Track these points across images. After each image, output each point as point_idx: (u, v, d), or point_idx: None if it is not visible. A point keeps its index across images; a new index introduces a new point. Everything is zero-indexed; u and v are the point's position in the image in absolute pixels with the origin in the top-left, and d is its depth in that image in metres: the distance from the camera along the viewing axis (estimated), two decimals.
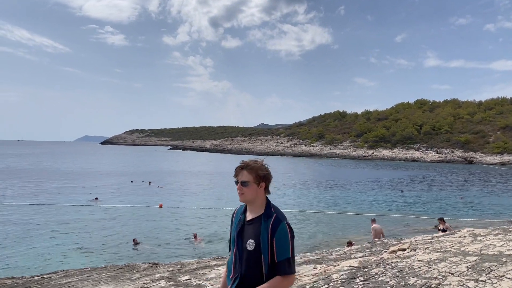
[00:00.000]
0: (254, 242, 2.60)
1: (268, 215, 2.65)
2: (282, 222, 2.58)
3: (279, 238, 2.54)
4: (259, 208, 2.71)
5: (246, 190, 2.70)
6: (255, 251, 2.58)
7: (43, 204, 27.72)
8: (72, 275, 9.27)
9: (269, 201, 2.76)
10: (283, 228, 2.57)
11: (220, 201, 31.50)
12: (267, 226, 2.58)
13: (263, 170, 2.72)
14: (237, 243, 2.72)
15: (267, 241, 2.55)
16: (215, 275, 7.79)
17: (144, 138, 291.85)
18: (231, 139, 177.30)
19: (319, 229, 21.91)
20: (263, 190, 2.73)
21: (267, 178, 2.73)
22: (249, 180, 2.70)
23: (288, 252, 2.54)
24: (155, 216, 24.72)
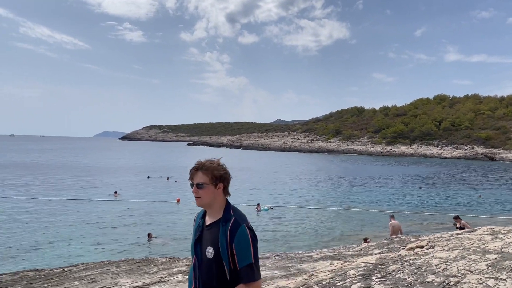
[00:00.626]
0: (213, 249, 2.39)
1: (226, 218, 2.45)
2: (241, 225, 2.38)
3: (239, 243, 2.34)
4: (218, 211, 2.51)
5: (202, 192, 2.49)
6: (215, 258, 2.37)
7: (63, 199, 28.28)
8: (92, 268, 9.45)
9: (228, 203, 2.56)
10: (242, 231, 2.36)
11: (236, 197, 31.62)
12: (225, 230, 2.38)
13: (220, 170, 2.52)
14: (195, 251, 2.51)
15: (226, 247, 2.35)
16: None
17: (162, 134, 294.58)
18: (248, 135, 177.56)
19: (335, 225, 21.82)
20: (222, 192, 2.53)
21: (224, 178, 2.53)
22: (205, 181, 2.49)
23: (250, 257, 2.33)
24: (172, 210, 24.97)
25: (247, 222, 2.46)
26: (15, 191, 31.43)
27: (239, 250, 2.33)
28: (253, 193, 34.12)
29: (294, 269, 7.44)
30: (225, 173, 2.57)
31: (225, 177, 2.55)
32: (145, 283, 7.23)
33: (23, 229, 19.12)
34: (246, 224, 2.43)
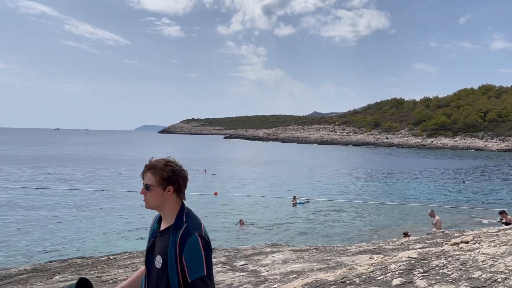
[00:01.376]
0: (161, 258, 2.20)
1: (177, 226, 2.22)
2: (192, 234, 2.15)
3: (189, 254, 2.11)
4: (170, 217, 2.29)
5: (149, 195, 2.29)
6: (163, 269, 2.18)
7: (107, 190, 29.34)
8: (134, 256, 9.78)
9: (182, 208, 2.32)
10: (193, 241, 2.13)
11: (274, 189, 31.71)
12: (175, 239, 2.17)
13: (168, 171, 2.27)
14: (146, 259, 2.33)
15: (175, 257, 2.14)
16: (270, 261, 7.90)
17: (199, 127, 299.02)
18: (284, 128, 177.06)
19: (374, 219, 21.47)
20: (172, 196, 2.28)
21: (174, 180, 2.28)
22: (152, 183, 2.28)
23: (202, 269, 2.11)
24: (210, 203, 25.37)
25: (201, 230, 2.20)
26: (64, 183, 32.90)
27: (190, 262, 2.11)
28: (289, 186, 34.08)
29: (332, 262, 7.41)
30: (175, 175, 2.28)
31: (175, 179, 2.28)
32: None
33: (70, 219, 20.02)
34: (199, 232, 2.17)
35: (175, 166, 2.30)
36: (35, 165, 46.66)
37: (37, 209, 22.00)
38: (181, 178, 2.30)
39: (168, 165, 2.29)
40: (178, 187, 2.29)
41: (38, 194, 26.93)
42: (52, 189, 29.10)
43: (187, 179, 2.34)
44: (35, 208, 22.14)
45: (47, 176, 36.78)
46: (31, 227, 18.20)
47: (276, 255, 8.42)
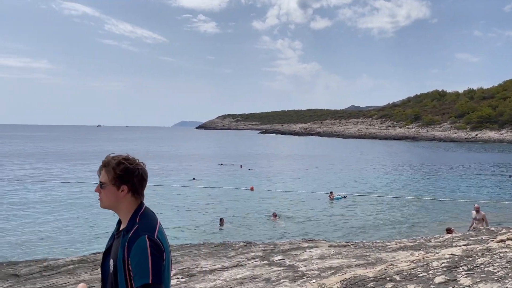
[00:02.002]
0: (113, 262, 2.09)
1: (128, 228, 2.09)
2: (141, 237, 2.01)
3: (134, 257, 1.98)
4: (125, 218, 2.17)
5: (103, 193, 2.18)
6: (114, 273, 2.07)
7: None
8: (174, 250, 10.01)
9: (138, 209, 2.18)
10: (140, 244, 1.99)
11: (310, 184, 31.53)
12: (124, 242, 2.05)
13: (122, 169, 2.13)
14: (102, 262, 2.23)
15: (122, 261, 2.02)
16: (307, 256, 7.88)
17: (235, 122, 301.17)
18: (320, 122, 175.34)
19: (414, 214, 20.93)
20: (127, 196, 2.15)
21: (128, 179, 2.13)
22: (105, 181, 2.16)
23: (147, 276, 1.94)
24: (246, 197, 25.54)
25: (153, 233, 2.05)
26: None
27: (135, 266, 1.97)
28: (326, 181, 33.77)
29: (371, 258, 7.29)
30: (128, 173, 2.13)
31: (129, 178, 2.14)
32: (224, 266, 7.52)
33: (109, 212, 20.69)
34: (149, 235, 2.02)
35: (130, 164, 2.16)
36: (82, 160, 48.58)
37: (81, 203, 22.92)
38: (136, 177, 2.15)
39: (122, 163, 2.14)
40: (133, 186, 2.15)
41: (82, 188, 28.03)
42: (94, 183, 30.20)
43: (144, 178, 2.19)
44: (80, 202, 23.08)
45: (91, 171, 38.21)
46: (78, 220, 19.01)
47: (314, 250, 8.38)
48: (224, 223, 18.19)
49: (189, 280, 6.72)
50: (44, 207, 21.66)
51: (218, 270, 7.26)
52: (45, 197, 24.47)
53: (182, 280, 6.75)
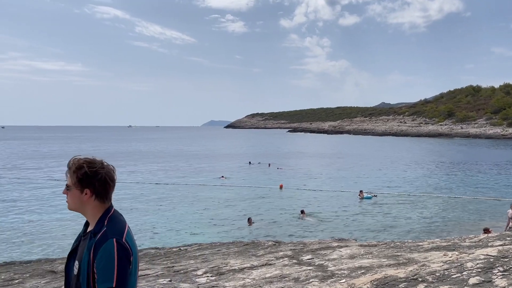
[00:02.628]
0: (78, 264, 2.06)
1: (96, 230, 2.06)
2: (108, 240, 1.98)
3: (100, 260, 1.95)
4: (92, 221, 2.14)
5: (69, 196, 2.14)
6: (77, 276, 2.04)
7: (177, 183, 30.62)
8: (204, 248, 10.13)
9: (106, 212, 2.14)
10: (107, 247, 1.96)
11: (340, 183, 31.20)
12: (90, 245, 2.02)
13: (82, 173, 2.07)
14: (67, 264, 2.19)
15: (87, 264, 1.99)
16: (337, 256, 7.80)
17: (263, 121, 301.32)
18: (350, 120, 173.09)
19: (448, 214, 20.37)
20: (91, 199, 2.10)
21: (89, 183, 2.08)
22: (70, 184, 2.12)
23: (112, 279, 1.91)
24: (275, 196, 25.54)
25: (121, 237, 2.02)
26: (138, 176, 34.85)
27: (99, 270, 1.94)
28: (356, 179, 33.33)
29: (403, 258, 7.15)
30: (88, 177, 2.08)
31: (90, 182, 2.08)
32: (253, 265, 7.55)
33: (143, 210, 21.17)
34: (117, 238, 1.99)
35: (92, 167, 2.09)
36: (117, 160, 49.81)
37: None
38: (98, 181, 2.08)
39: (81, 167, 2.09)
40: (95, 190, 2.09)
41: None
42: (130, 182, 30.92)
43: (107, 182, 2.11)
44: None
45: (123, 169, 39.16)
46: None
47: (344, 249, 8.29)
48: (252, 222, 18.25)
49: (219, 279, 6.79)
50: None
51: (247, 269, 7.30)
52: None
53: (211, 279, 6.82)
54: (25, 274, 8.68)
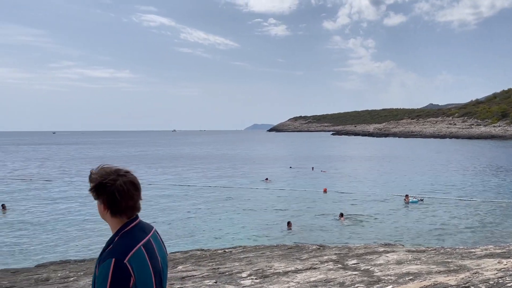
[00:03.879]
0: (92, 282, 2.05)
1: (105, 247, 2.03)
2: (107, 260, 1.91)
3: (98, 278, 1.92)
4: (112, 233, 2.10)
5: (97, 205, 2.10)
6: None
7: (220, 186, 31.04)
8: (248, 251, 10.22)
9: (122, 227, 2.04)
10: (104, 266, 1.89)
11: (385, 187, 30.43)
12: (97, 261, 2.00)
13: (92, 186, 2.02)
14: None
15: (93, 280, 1.98)
16: (383, 261, 7.63)
17: (306, 124, 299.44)
18: (396, 122, 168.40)
19: (504, 220, 19.33)
20: (106, 211, 2.03)
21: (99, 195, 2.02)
22: (93, 195, 2.06)
23: None
24: (318, 199, 25.29)
25: (124, 256, 1.92)
26: (184, 179, 35.68)
27: (97, 287, 1.91)
28: (402, 183, 32.37)
29: (454, 265, 6.88)
30: (100, 189, 2.00)
31: (100, 194, 2.01)
32: (297, 269, 7.53)
33: (188, 213, 21.63)
34: (117, 258, 1.90)
35: (103, 179, 1.99)
36: (163, 163, 51.32)
37: (158, 204, 24.19)
38: (107, 194, 1.99)
39: (95, 178, 2.02)
40: (107, 203, 2.01)
41: (154, 189, 29.57)
42: (174, 185, 31.72)
43: (115, 196, 1.98)
44: (157, 203, 24.37)
45: (170, 172, 40.22)
46: (156, 221, 20.09)
47: (390, 255, 8.10)
48: (292, 226, 18.18)
49: (263, 281, 6.83)
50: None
51: (291, 272, 7.30)
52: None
53: (256, 281, 6.88)
54: (79, 272, 9.14)
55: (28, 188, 30.68)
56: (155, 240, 2.14)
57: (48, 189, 30.08)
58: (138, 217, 2.11)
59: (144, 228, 2.10)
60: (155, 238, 2.15)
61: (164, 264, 2.16)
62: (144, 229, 2.10)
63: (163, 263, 2.15)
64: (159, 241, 2.19)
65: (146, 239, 2.05)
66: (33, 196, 27.00)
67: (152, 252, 2.05)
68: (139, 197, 2.07)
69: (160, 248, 2.17)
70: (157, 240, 2.16)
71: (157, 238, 2.19)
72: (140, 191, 2.08)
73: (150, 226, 2.19)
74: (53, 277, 8.84)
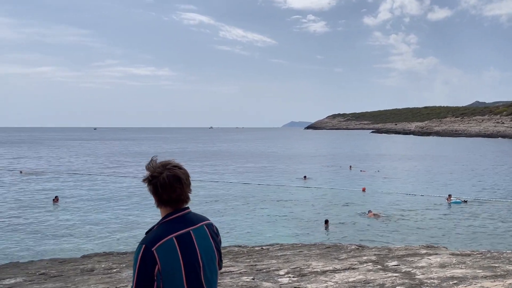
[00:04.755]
0: None
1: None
2: (139, 245, 2.07)
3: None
4: None
5: None
6: None
7: (256, 183, 31.16)
8: (285, 249, 10.21)
9: (165, 217, 2.16)
10: (136, 252, 2.07)
11: (426, 187, 29.54)
12: None
13: (145, 177, 2.15)
14: None
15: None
16: (425, 264, 7.41)
17: (345, 122, 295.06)
18: (439, 120, 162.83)
19: None
20: (155, 203, 2.18)
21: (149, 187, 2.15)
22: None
23: (133, 282, 2.04)
24: (357, 199, 24.88)
25: (153, 243, 2.04)
26: (222, 175, 36.10)
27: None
28: (444, 183, 31.30)
29: (501, 270, 6.59)
30: (148, 181, 2.14)
31: (148, 184, 2.14)
32: (336, 268, 7.44)
33: (227, 209, 21.87)
34: (147, 244, 2.04)
35: (150, 172, 2.14)
36: (201, 159, 52.16)
37: (195, 199, 24.59)
38: (151, 186, 2.13)
39: (146, 170, 2.17)
40: (152, 193, 2.14)
41: (194, 185, 30.05)
42: (212, 182, 32.15)
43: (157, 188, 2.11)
44: (194, 198, 24.77)
45: (209, 169, 40.80)
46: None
47: (433, 257, 7.85)
48: (329, 225, 18.00)
49: (301, 280, 6.80)
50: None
51: (329, 272, 7.22)
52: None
53: (293, 279, 6.86)
54: (121, 264, 9.45)
55: (79, 181, 32.21)
56: (200, 233, 2.18)
57: (97, 183, 31.32)
58: (186, 208, 2.21)
59: (186, 220, 2.17)
60: (200, 231, 2.19)
61: (207, 258, 2.18)
62: (187, 221, 2.16)
63: (206, 257, 2.17)
64: (206, 234, 2.21)
65: (184, 231, 2.12)
66: (84, 189, 28.29)
67: (188, 244, 2.10)
68: (184, 191, 2.15)
69: (205, 242, 2.19)
70: (202, 234, 2.19)
71: (205, 232, 2.22)
72: (185, 185, 2.15)
73: (199, 219, 2.24)
74: (97, 267, 9.19)
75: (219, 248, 2.31)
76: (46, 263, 10.62)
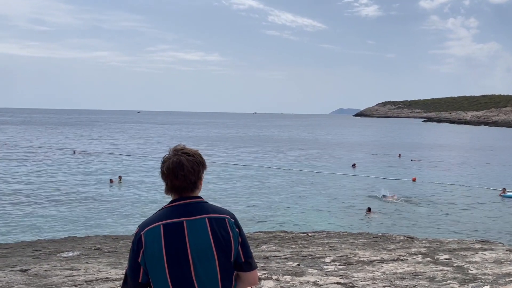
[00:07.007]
0: None
1: None
2: (137, 227, 2.07)
3: None
4: None
5: None
6: None
7: (304, 170, 31.04)
8: (332, 236, 10.15)
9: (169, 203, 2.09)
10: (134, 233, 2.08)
11: (480, 178, 28.18)
12: None
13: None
14: None
15: None
16: (479, 259, 7.10)
17: (396, 110, 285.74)
18: (498, 110, 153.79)
19: None
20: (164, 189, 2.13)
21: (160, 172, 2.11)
22: None
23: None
24: (406, 189, 24.19)
25: (143, 229, 1.98)
26: (269, 161, 36.28)
27: None
28: (499, 176, 29.69)
29: None
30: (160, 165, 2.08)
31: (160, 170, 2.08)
32: (383, 259, 7.30)
33: (272, 194, 21.98)
34: (139, 229, 2.01)
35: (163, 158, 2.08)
36: (248, 145, 52.64)
37: (243, 184, 24.86)
38: (161, 170, 2.07)
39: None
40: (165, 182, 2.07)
41: (242, 170, 30.35)
42: (259, 166, 32.38)
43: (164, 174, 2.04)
44: (242, 183, 25.05)
45: (255, 154, 41.11)
46: (240, 201, 20.73)
47: (488, 253, 7.50)
48: (372, 213, 17.65)
49: (347, 268, 6.74)
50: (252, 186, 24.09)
51: (376, 262, 7.10)
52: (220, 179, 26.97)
53: (339, 267, 6.81)
54: None
55: (141, 163, 33.62)
56: (195, 226, 1.98)
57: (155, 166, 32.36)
58: (193, 198, 2.06)
59: (181, 210, 2.01)
60: (196, 223, 1.99)
61: (199, 254, 1.97)
62: (184, 211, 2.01)
63: (197, 253, 1.96)
64: (204, 228, 1.99)
65: (175, 220, 1.97)
66: (144, 170, 29.52)
67: (175, 235, 1.96)
68: (188, 178, 2.00)
69: (200, 235, 1.98)
70: (199, 226, 1.99)
71: (203, 225, 2.00)
72: (190, 172, 2.01)
73: (201, 211, 2.03)
74: None
75: (228, 246, 2.01)
76: (101, 239, 11.22)
